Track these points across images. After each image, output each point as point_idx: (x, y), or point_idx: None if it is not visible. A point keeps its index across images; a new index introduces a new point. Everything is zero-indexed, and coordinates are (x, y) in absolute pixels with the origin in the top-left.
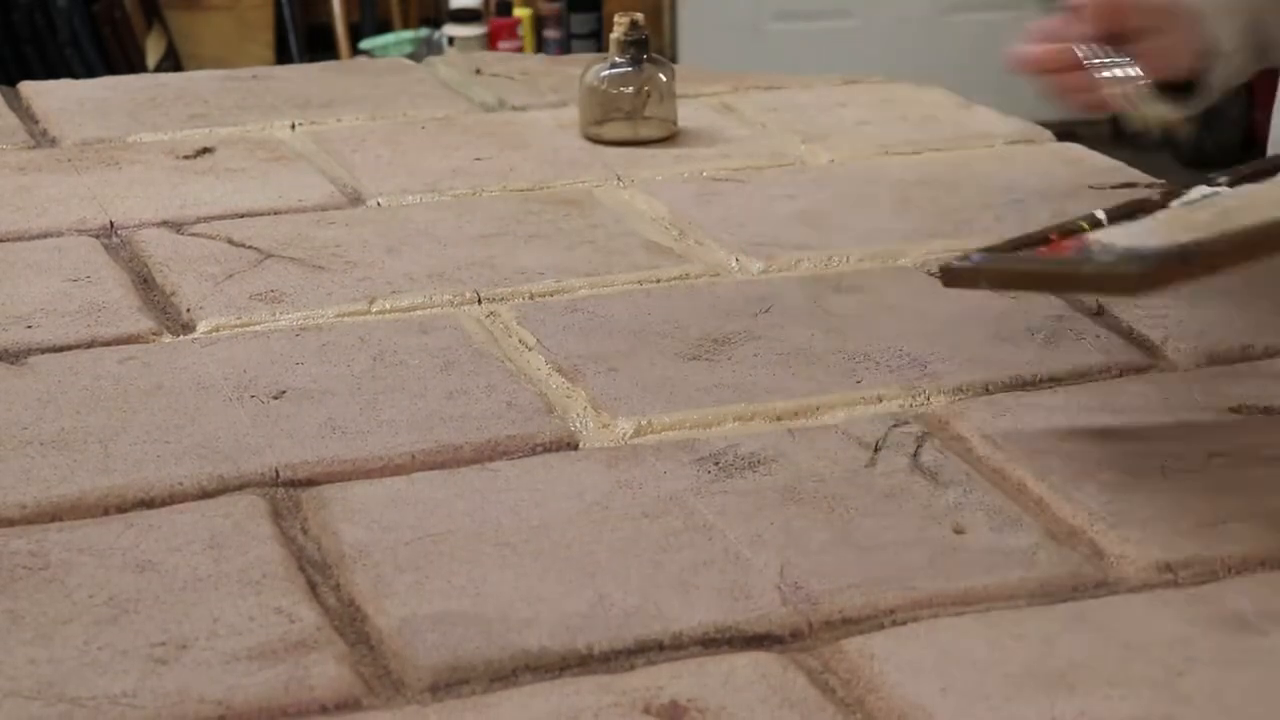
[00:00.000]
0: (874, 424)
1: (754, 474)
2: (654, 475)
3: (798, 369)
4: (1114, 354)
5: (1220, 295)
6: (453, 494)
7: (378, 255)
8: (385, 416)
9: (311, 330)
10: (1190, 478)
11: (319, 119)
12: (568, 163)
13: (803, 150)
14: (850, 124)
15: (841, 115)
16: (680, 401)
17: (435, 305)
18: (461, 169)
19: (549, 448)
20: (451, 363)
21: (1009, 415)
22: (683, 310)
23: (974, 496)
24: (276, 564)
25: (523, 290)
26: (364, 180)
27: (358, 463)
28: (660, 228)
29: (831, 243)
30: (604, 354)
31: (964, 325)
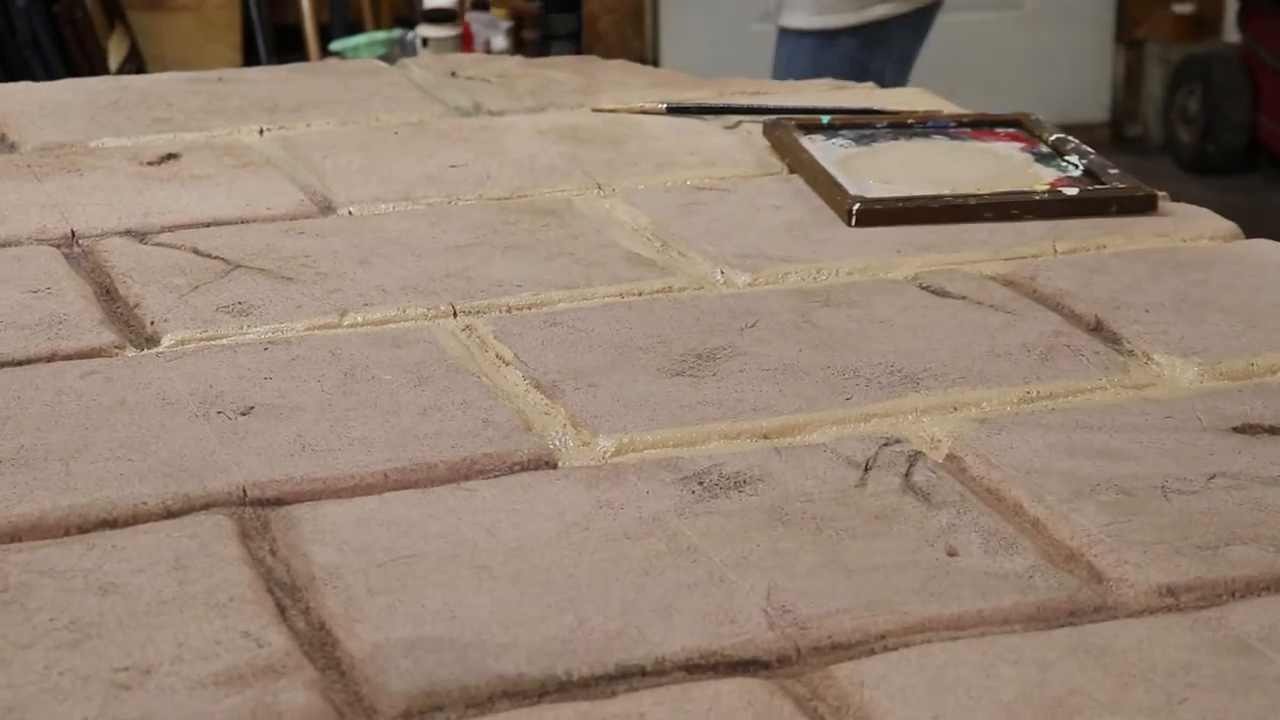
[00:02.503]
0: (864, 443)
1: (740, 494)
2: (636, 495)
3: (785, 385)
4: (1113, 371)
5: (1223, 310)
6: (427, 514)
7: (349, 266)
8: (357, 434)
9: (280, 344)
10: (1192, 499)
11: (288, 123)
12: (546, 170)
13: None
14: None
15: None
16: (663, 419)
17: (409, 318)
18: (436, 176)
19: (527, 466)
20: (426, 378)
21: (1004, 434)
22: (666, 324)
23: (968, 518)
24: (244, 586)
25: (499, 303)
26: (335, 188)
27: (328, 481)
28: (642, 238)
29: (820, 255)
30: (584, 369)
31: (957, 340)
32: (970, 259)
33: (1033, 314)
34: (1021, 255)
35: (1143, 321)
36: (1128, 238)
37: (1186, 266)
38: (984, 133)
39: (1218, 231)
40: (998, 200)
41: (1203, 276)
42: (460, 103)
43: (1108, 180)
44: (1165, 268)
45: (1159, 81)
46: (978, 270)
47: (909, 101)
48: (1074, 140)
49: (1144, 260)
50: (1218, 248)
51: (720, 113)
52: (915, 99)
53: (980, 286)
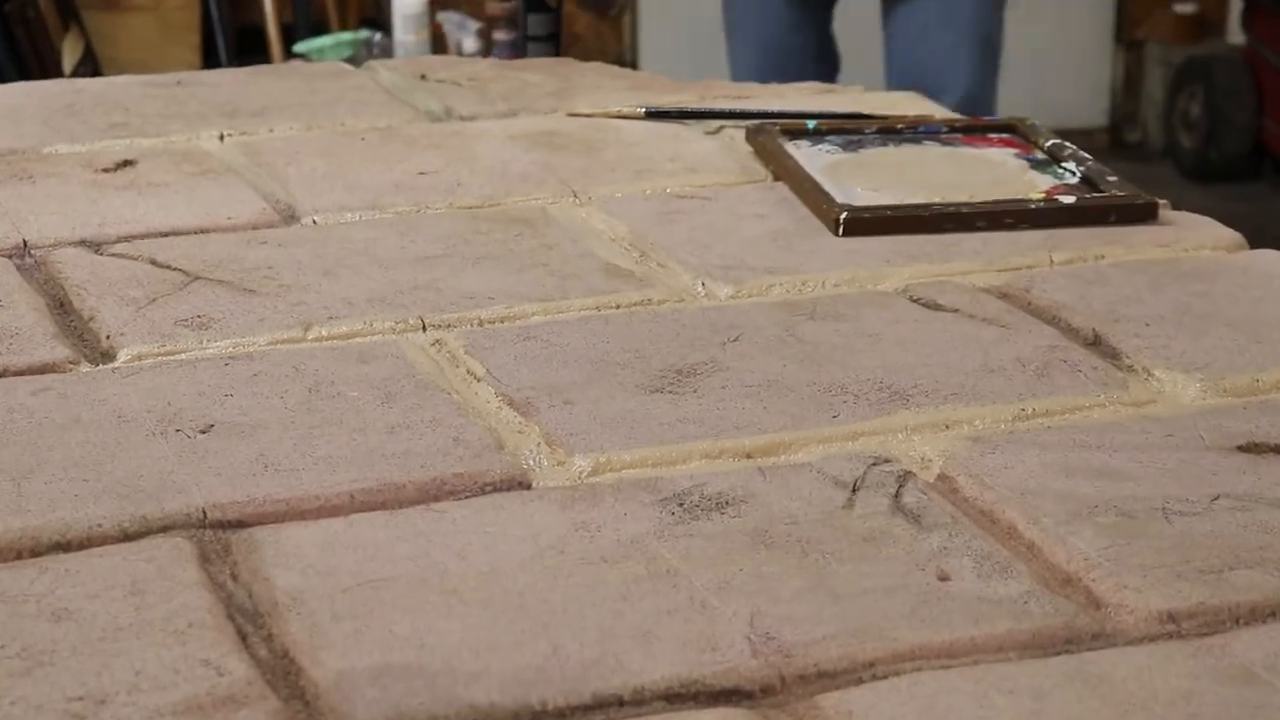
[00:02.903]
0: (851, 462)
1: (722, 516)
2: (613, 517)
3: (769, 402)
4: (1111, 387)
5: (1227, 324)
6: (395, 536)
7: (313, 278)
8: (322, 453)
9: (242, 359)
10: (1194, 521)
11: (249, 129)
12: (519, 178)
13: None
14: None
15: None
16: (642, 437)
17: (376, 332)
18: (404, 184)
19: (499, 487)
20: (393, 395)
21: (998, 453)
22: (644, 339)
23: (960, 541)
24: (204, 612)
25: (471, 316)
26: (299, 196)
27: (292, 503)
28: (620, 249)
29: (805, 266)
30: (559, 385)
31: (949, 355)
32: (963, 270)
33: (1028, 327)
34: (1016, 266)
35: (1143, 335)
36: (1127, 248)
37: (1188, 278)
38: (977, 138)
39: (1221, 241)
40: (991, 209)
41: (1205, 288)
42: (430, 107)
43: (1106, 188)
44: (1166, 279)
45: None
46: (970, 282)
47: (899, 105)
48: (1071, 146)
49: (1144, 271)
50: (1221, 258)
51: (701, 117)
52: (905, 103)
53: (973, 299)
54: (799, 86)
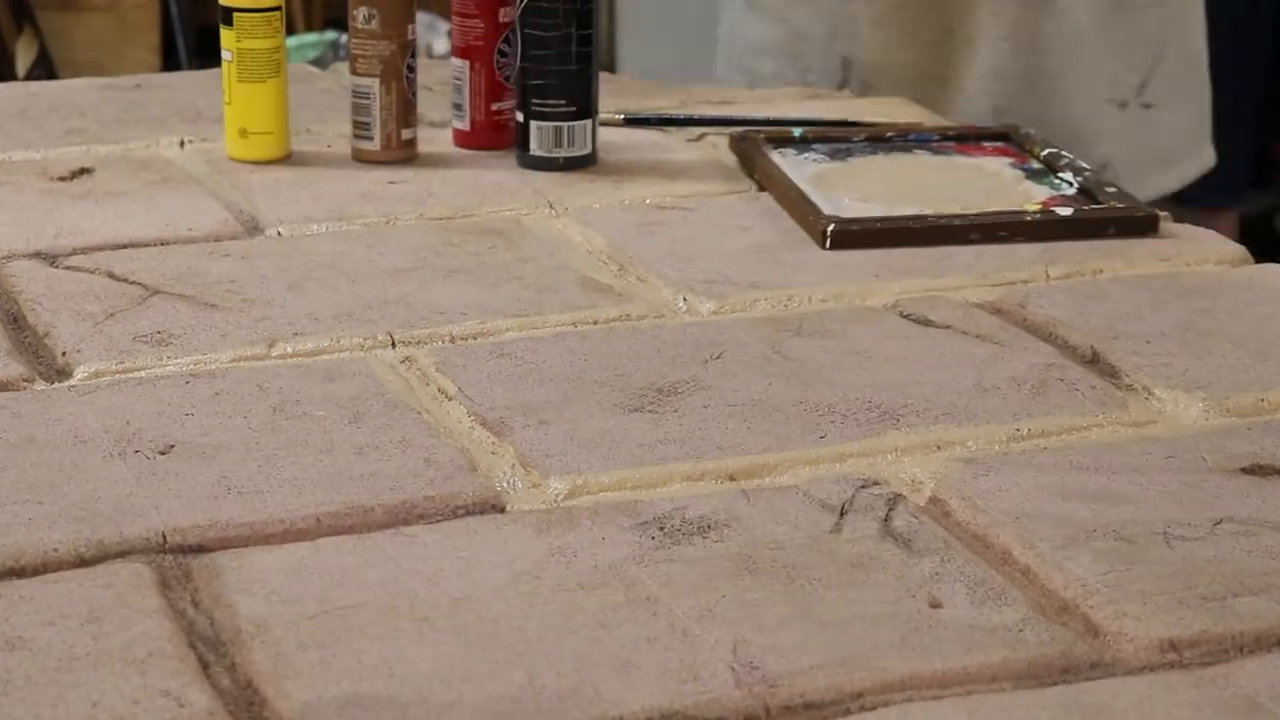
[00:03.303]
0: (839, 485)
1: (704, 540)
2: (590, 541)
3: (753, 422)
4: (1110, 407)
5: (1231, 341)
6: (363, 562)
7: (278, 292)
8: (287, 474)
9: (203, 377)
10: (1196, 546)
11: (211, 135)
12: (493, 187)
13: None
14: None
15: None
16: (620, 459)
17: (343, 349)
18: (372, 194)
19: (472, 510)
20: (361, 414)
21: (992, 475)
22: (623, 356)
23: (952, 566)
24: (164, 640)
25: (442, 332)
26: (262, 206)
27: (255, 526)
28: (598, 262)
29: (791, 280)
30: (534, 405)
31: (941, 373)
32: (955, 285)
33: (1023, 345)
34: (1011, 281)
35: (1143, 353)
36: (1126, 261)
37: (1190, 293)
38: (970, 146)
39: (1224, 255)
40: (985, 221)
41: (1208, 304)
42: None
43: (1105, 199)
44: (1167, 295)
45: None
46: (963, 297)
47: (889, 112)
48: (1068, 155)
49: (1144, 286)
50: (1224, 273)
51: (683, 124)
52: (896, 109)
53: (966, 315)
54: (785, 91)
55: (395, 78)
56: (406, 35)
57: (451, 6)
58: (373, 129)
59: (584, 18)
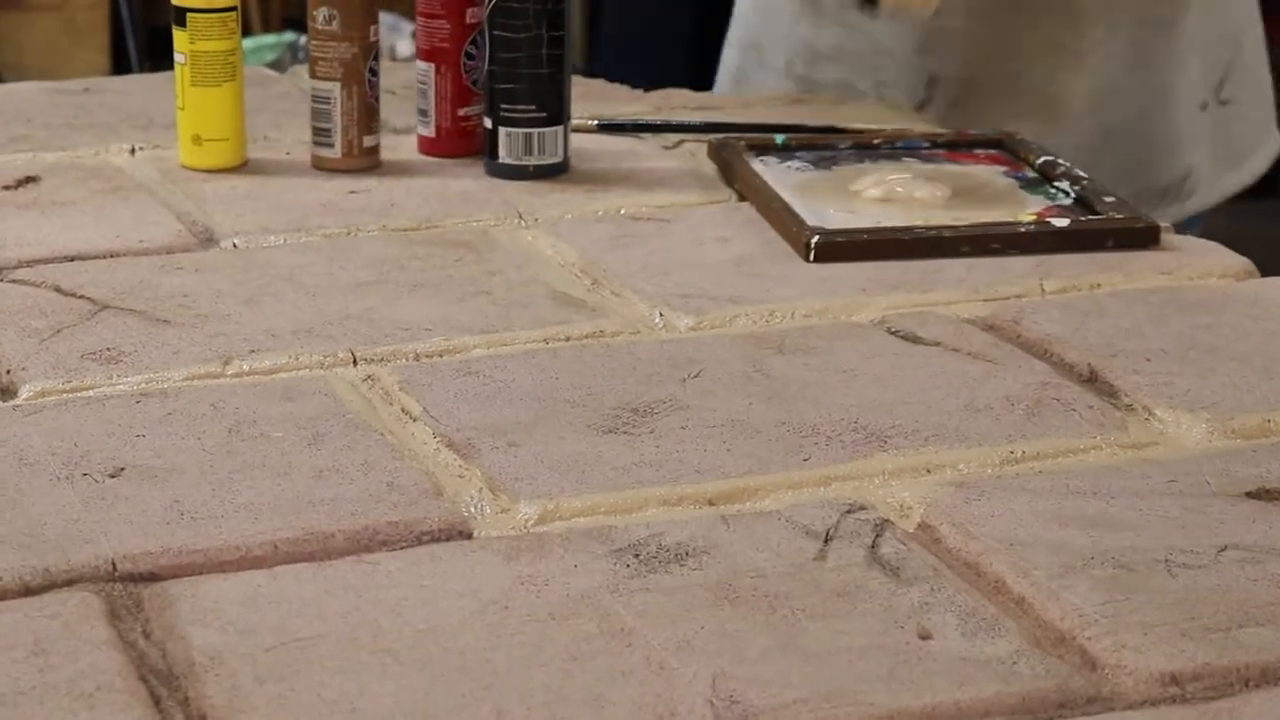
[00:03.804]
0: (824, 510)
1: (681, 568)
2: (562, 569)
3: (733, 444)
4: (1108, 428)
5: (1235, 359)
6: (323, 591)
7: (234, 307)
8: (243, 499)
9: (155, 396)
10: (1199, 574)
11: (163, 142)
12: (460, 197)
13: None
14: None
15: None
16: (593, 482)
17: (302, 367)
18: (333, 204)
19: (437, 536)
20: (321, 435)
21: (984, 500)
22: (597, 374)
23: (943, 595)
24: (113, 674)
25: (406, 349)
26: (217, 217)
27: (210, 554)
28: (570, 276)
29: (773, 294)
30: (503, 426)
31: (930, 393)
32: (945, 299)
33: (1017, 363)
34: (1004, 295)
35: (1143, 371)
36: (1126, 275)
37: (1193, 308)
38: (961, 154)
39: (1229, 268)
40: (977, 232)
41: (1212, 320)
42: None
43: (1103, 209)
44: (1169, 310)
45: None
46: (954, 313)
47: (876, 118)
48: (1064, 163)
49: (1144, 301)
50: (1229, 287)
51: (659, 130)
52: (883, 115)
53: (957, 331)
54: (768, 96)
55: (357, 81)
56: (368, 37)
57: (416, 7)
58: (333, 135)
59: (555, 18)
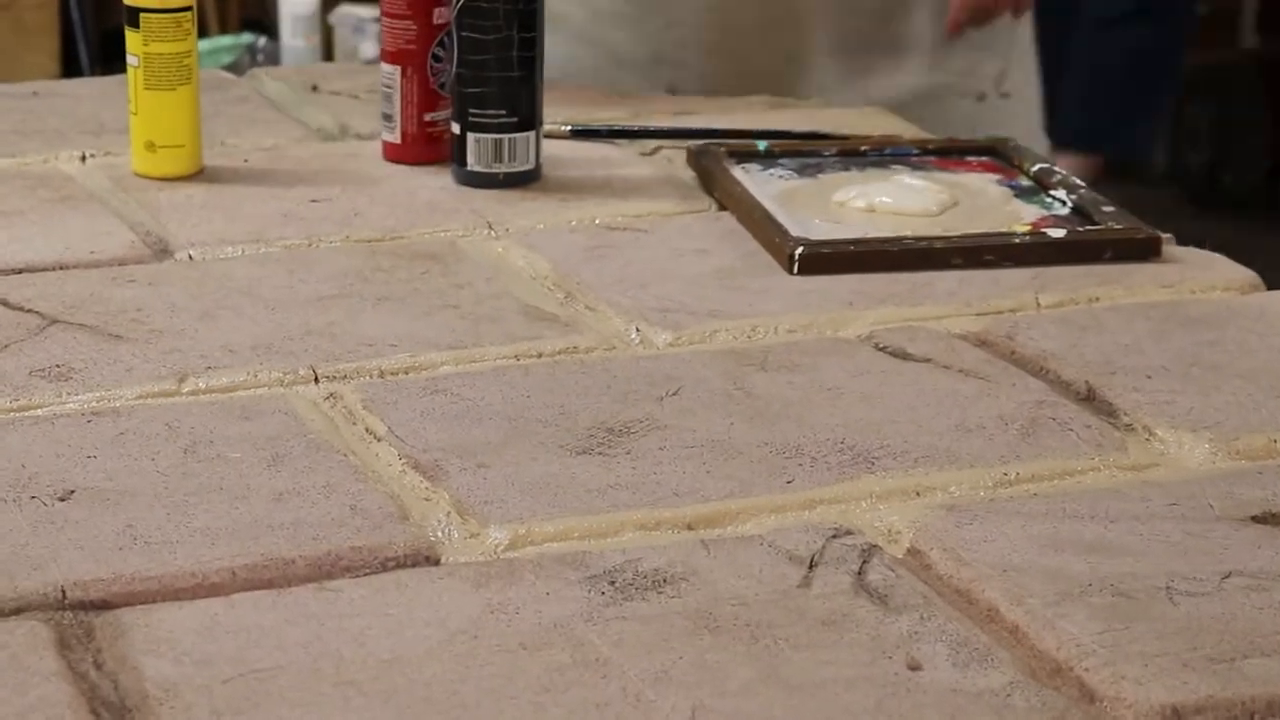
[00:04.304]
0: (808, 535)
1: (659, 596)
2: (534, 597)
3: (713, 466)
4: (1107, 449)
5: (1241, 376)
6: (283, 620)
7: (189, 322)
8: (198, 523)
9: (106, 415)
10: (1203, 602)
11: (115, 149)
12: (426, 206)
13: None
14: None
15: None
16: (567, 505)
17: (261, 384)
18: (294, 214)
19: (403, 563)
20: (281, 456)
21: (976, 524)
22: (570, 392)
23: (933, 624)
24: (63, 706)
25: (370, 366)
26: (172, 227)
27: (164, 580)
28: (542, 289)
29: (755, 308)
30: (472, 446)
31: (920, 412)
32: (936, 314)
33: (1011, 380)
34: (997, 309)
35: (1143, 389)
36: (1125, 288)
37: (1196, 323)
38: (953, 162)
39: (1233, 281)
40: (969, 243)
41: (1215, 335)
42: (323, 123)
43: (1101, 219)
44: (1171, 325)
45: None
46: (945, 328)
47: (863, 124)
48: (1060, 171)
49: (1145, 316)
50: (1234, 301)
51: (636, 136)
52: (871, 120)
53: (948, 347)
54: (749, 100)
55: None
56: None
57: (381, 7)
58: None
59: (527, 19)
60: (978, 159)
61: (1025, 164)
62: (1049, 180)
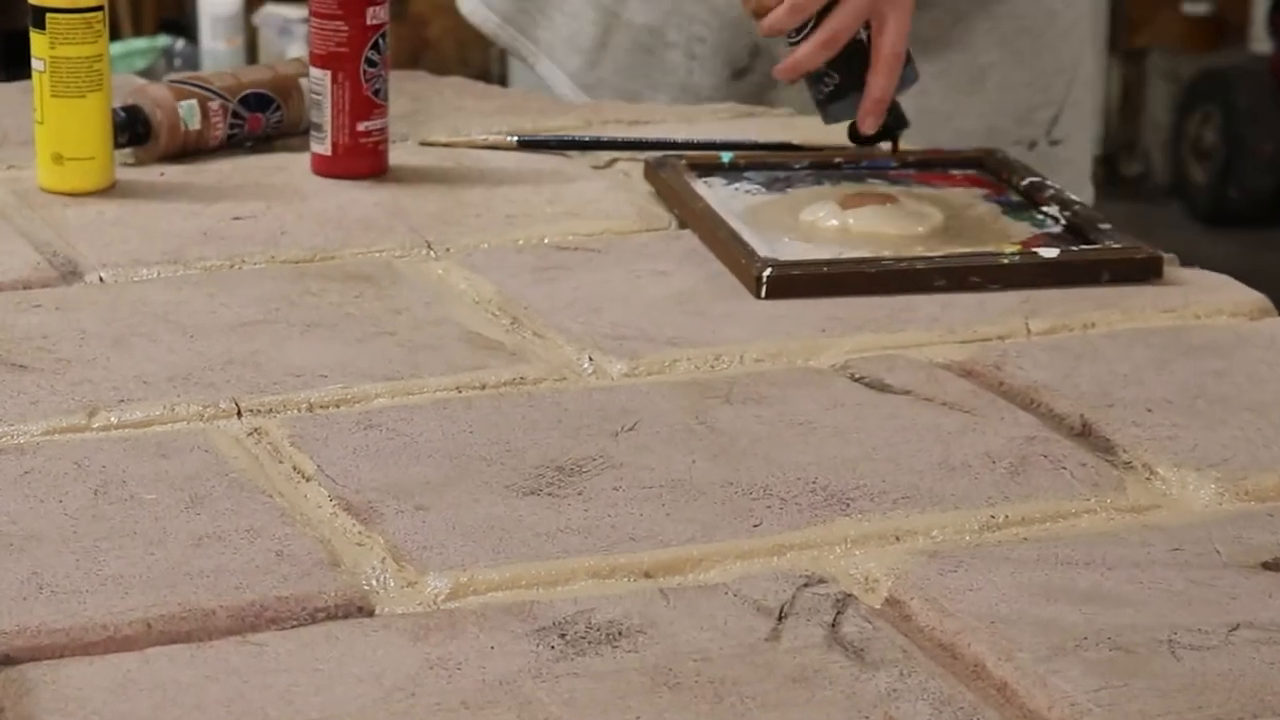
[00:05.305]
0: (777, 583)
1: (614, 650)
2: (477, 651)
3: (673, 508)
4: (1104, 488)
5: (1250, 409)
6: (203, 676)
7: (101, 350)
8: (111, 571)
9: (10, 452)
10: (1208, 656)
11: (19, 162)
12: (360, 224)
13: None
14: None
15: None
16: (513, 551)
17: (179, 419)
18: (215, 232)
19: (334, 613)
20: (201, 497)
21: (961, 571)
22: (517, 427)
23: (914, 681)
24: None
25: (298, 398)
26: (81, 247)
27: (73, 633)
28: (486, 314)
29: (719, 335)
30: (409, 486)
31: (900, 449)
32: (917, 341)
33: (999, 414)
34: (985, 337)
35: (1143, 424)
36: (1124, 313)
37: (1201, 351)
38: (936, 175)
39: (1242, 305)
40: (953, 264)
41: (1222, 365)
42: None
43: (1097, 237)
44: (1173, 353)
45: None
46: (927, 356)
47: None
48: (1054, 185)
49: (1145, 343)
50: (1242, 327)
51: (588, 148)
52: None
53: (930, 377)
54: (714, 108)
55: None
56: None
57: (309, 6)
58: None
59: None
60: (962, 172)
61: (1014, 177)
62: (1040, 195)
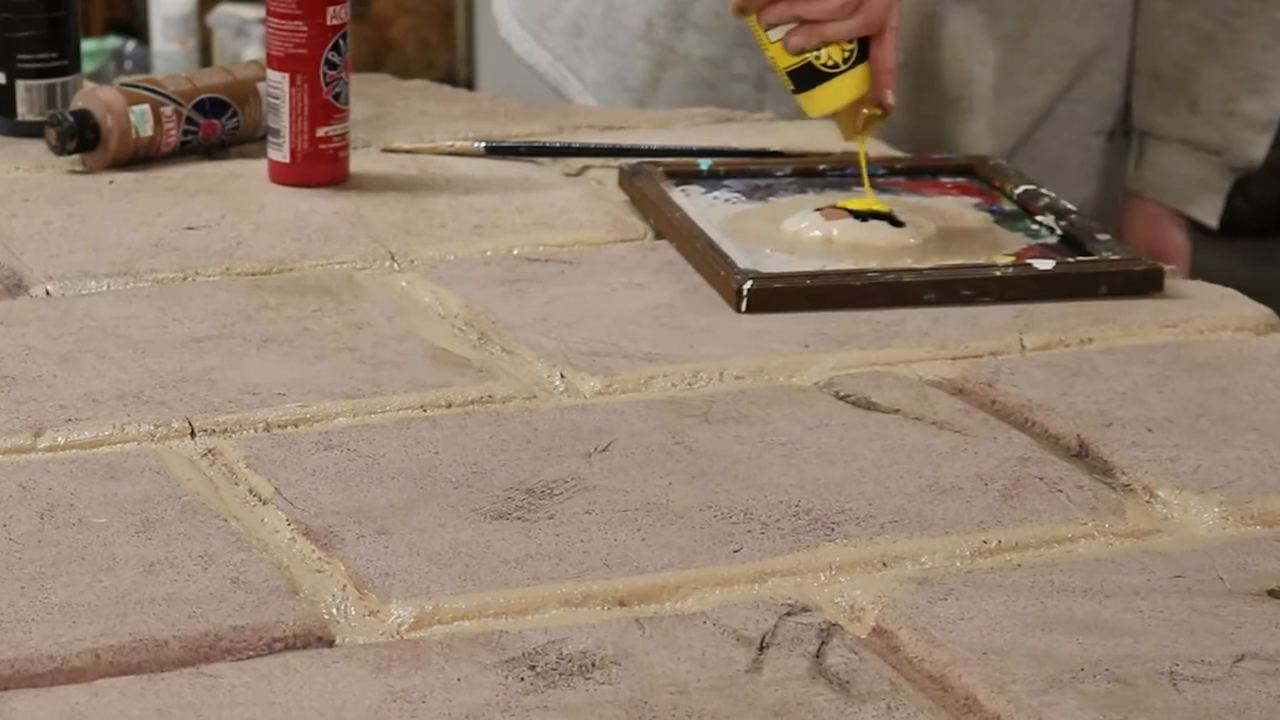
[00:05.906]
0: (759, 611)
1: (586, 682)
2: (443, 683)
3: (649, 532)
4: (1102, 512)
5: (1255, 429)
6: (154, 709)
7: (47, 367)
8: (58, 599)
9: None
10: (1211, 688)
11: None
12: (319, 234)
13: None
14: None
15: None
16: (481, 578)
17: (129, 439)
18: (167, 243)
19: (292, 644)
20: (152, 521)
21: (952, 599)
22: (484, 448)
23: (902, 715)
24: None
25: (255, 418)
26: (26, 259)
27: (19, 664)
28: (452, 329)
29: (698, 351)
30: (371, 510)
31: (887, 470)
32: (905, 357)
33: (991, 434)
34: (976, 353)
35: (1143, 444)
36: (1123, 328)
37: (1204, 368)
38: (925, 183)
39: (1247, 320)
40: (944, 276)
41: (1226, 382)
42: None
43: (1095, 249)
44: (1175, 370)
45: None
46: (916, 373)
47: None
48: (1048, 193)
49: (1145, 360)
50: (1246, 342)
51: (560, 154)
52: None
53: (919, 396)
54: (691, 113)
55: None
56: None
57: (266, 6)
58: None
59: None
60: (953, 180)
61: (1008, 186)
62: (1035, 204)
